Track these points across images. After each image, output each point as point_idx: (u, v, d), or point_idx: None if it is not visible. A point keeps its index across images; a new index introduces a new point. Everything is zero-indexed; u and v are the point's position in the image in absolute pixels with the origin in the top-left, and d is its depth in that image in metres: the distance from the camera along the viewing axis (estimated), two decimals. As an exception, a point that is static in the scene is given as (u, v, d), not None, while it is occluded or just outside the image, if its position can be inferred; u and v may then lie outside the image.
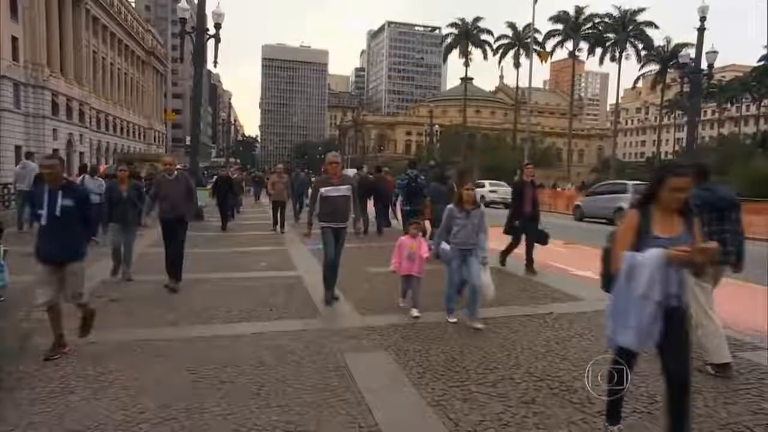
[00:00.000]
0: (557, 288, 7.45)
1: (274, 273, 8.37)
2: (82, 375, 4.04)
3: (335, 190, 6.17)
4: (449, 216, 5.61)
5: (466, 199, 5.58)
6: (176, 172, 7.32)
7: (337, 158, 6.39)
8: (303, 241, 6.73)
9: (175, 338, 4.99)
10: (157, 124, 79.86)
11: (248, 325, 5.51)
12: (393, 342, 4.97)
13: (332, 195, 6.15)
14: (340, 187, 6.20)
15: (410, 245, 5.99)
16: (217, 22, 16.50)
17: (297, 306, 6.31)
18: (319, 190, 6.23)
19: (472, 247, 5.51)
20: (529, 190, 8.65)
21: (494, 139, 77.59)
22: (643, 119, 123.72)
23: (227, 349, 4.72)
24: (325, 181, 6.30)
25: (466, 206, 5.56)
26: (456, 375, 4.19)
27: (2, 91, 39.55)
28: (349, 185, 6.32)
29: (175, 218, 7.16)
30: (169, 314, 5.81)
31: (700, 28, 19.80)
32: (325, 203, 6.16)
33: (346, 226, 6.37)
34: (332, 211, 6.16)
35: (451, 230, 5.57)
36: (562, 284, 7.73)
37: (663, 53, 59.32)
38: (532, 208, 8.60)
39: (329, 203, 6.15)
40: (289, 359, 4.47)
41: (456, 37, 65.02)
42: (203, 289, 7.14)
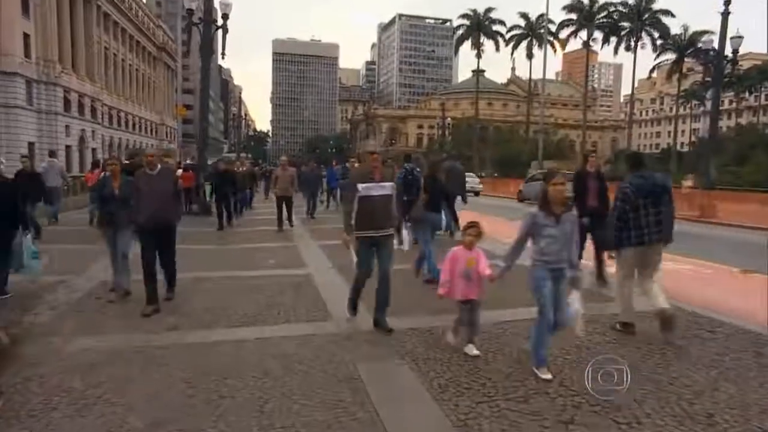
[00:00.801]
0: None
1: (282, 271, 7.96)
2: (68, 389, 3.65)
3: (377, 188, 4.87)
4: (533, 224, 4.00)
5: (555, 199, 3.93)
6: (160, 166, 5.88)
7: (376, 148, 5.31)
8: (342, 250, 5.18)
9: (172, 344, 4.60)
10: (168, 119, 79.98)
11: (253, 329, 5.11)
12: (411, 348, 4.54)
13: (373, 194, 4.85)
14: (384, 185, 4.91)
15: (467, 259, 4.34)
16: (224, 12, 16.11)
17: (306, 307, 5.90)
18: (356, 187, 4.90)
19: (564, 265, 4.00)
20: (593, 182, 7.18)
21: (506, 132, 76.74)
22: (658, 110, 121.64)
23: (229, 357, 4.32)
24: (365, 175, 4.94)
25: (555, 209, 3.95)
26: (482, 388, 3.75)
27: (15, 88, 39.65)
28: (392, 183, 5.06)
29: (160, 225, 5.69)
30: (169, 317, 5.42)
31: (724, 12, 19.00)
32: (363, 204, 4.86)
33: (392, 234, 5.09)
34: (371, 215, 4.86)
35: (536, 242, 4.00)
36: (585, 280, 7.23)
37: (680, 42, 57.91)
38: (598, 203, 7.01)
39: (368, 204, 4.85)
40: (296, 369, 4.05)
41: (468, 28, 64.12)
42: (206, 289, 6.76)
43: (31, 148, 41.45)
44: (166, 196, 5.71)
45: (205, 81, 16.77)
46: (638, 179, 5.02)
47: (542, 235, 3.94)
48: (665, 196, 5.07)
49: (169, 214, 5.79)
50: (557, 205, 3.94)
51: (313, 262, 8.71)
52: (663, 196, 5.04)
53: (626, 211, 4.95)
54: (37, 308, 5.62)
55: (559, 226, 3.91)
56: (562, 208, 3.96)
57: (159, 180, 5.70)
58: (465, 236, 4.48)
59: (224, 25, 16.00)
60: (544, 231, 3.93)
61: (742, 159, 39.21)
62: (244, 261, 8.94)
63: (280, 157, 16.65)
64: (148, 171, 5.75)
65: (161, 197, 5.63)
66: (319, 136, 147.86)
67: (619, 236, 5.02)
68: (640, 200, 4.94)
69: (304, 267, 8.34)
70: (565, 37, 58.14)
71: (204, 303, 6.03)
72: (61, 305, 5.78)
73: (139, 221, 5.64)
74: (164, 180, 5.77)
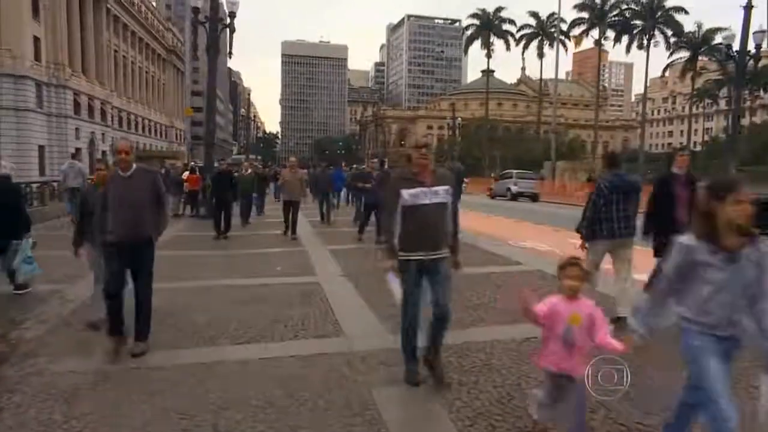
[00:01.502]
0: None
1: (290, 279, 7.51)
2: (47, 421, 3.22)
3: (429, 195, 3.62)
4: (687, 261, 2.48)
5: (730, 224, 2.38)
6: (135, 166, 4.53)
7: (428, 141, 4.02)
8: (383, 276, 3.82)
9: (168, 366, 4.17)
10: (178, 122, 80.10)
11: (257, 346, 4.66)
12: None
13: (423, 203, 3.61)
14: (437, 189, 3.66)
15: (570, 316, 2.81)
16: (231, 11, 15.76)
17: (314, 320, 5.45)
18: (400, 194, 3.66)
19: (736, 332, 2.47)
20: (683, 189, 5.56)
21: (516, 132, 76.02)
22: (670, 109, 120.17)
23: (230, 381, 3.88)
24: (410, 178, 3.68)
25: (729, 241, 2.39)
26: (517, 420, 3.27)
27: (25, 91, 39.65)
28: (448, 186, 3.73)
29: (133, 242, 4.38)
30: (167, 333, 5.00)
31: (747, 5, 18.35)
32: (410, 217, 3.63)
33: (447, 255, 3.77)
34: (420, 231, 3.63)
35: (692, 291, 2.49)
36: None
37: (693, 39, 56.93)
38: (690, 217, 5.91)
39: (417, 217, 3.61)
40: (303, 397, 3.60)
41: (477, 28, 63.54)
42: (209, 299, 6.34)
43: (42, 151, 41.54)
44: (142, 205, 4.43)
45: (211, 80, 16.40)
46: (612, 177, 5.36)
47: (703, 279, 2.44)
48: (634, 195, 5.40)
49: (146, 227, 4.47)
50: (733, 235, 2.37)
51: (322, 269, 8.27)
52: (632, 195, 5.38)
53: (600, 206, 5.29)
54: (26, 322, 5.22)
55: (732, 268, 2.39)
56: (741, 239, 2.38)
57: (133, 184, 4.42)
58: (562, 279, 2.83)
59: (231, 24, 15.65)
60: (706, 273, 2.43)
61: (756, 158, 38.32)
62: (250, 268, 8.52)
63: (288, 158, 15.08)
64: (120, 173, 4.45)
65: (136, 206, 4.38)
66: (327, 138, 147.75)
67: (592, 229, 5.36)
68: (612, 196, 5.27)
69: (312, 274, 7.89)
70: (577, 35, 57.37)
71: (206, 315, 5.60)
72: (51, 318, 5.37)
73: (109, 238, 4.38)
74: (140, 184, 4.47)
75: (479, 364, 4.20)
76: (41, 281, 6.56)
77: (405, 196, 3.63)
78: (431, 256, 3.68)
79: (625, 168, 23.67)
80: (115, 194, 4.41)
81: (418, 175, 3.66)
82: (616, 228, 5.27)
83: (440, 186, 3.69)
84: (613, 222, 5.27)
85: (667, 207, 5.61)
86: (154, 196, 4.57)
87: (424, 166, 3.68)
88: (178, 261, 9.38)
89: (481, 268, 8.13)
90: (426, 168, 3.68)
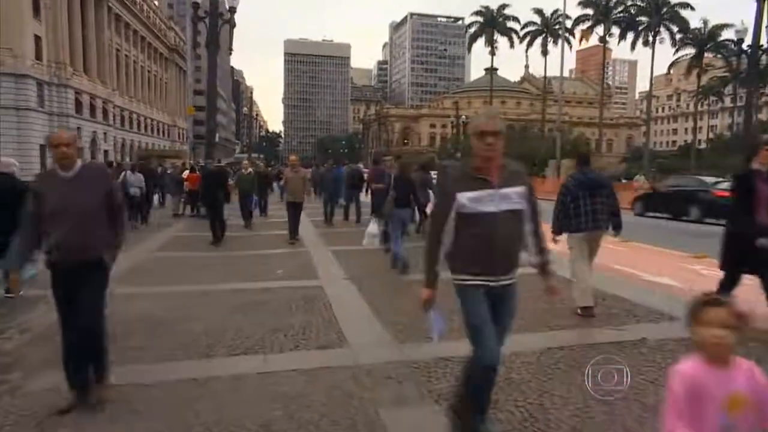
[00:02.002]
0: (636, 301, 6.07)
1: (291, 283, 7.15)
2: (16, 450, 2.88)
3: (497, 199, 2.67)
4: None
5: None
6: (80, 163, 3.37)
7: (496, 125, 2.68)
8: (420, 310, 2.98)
9: (156, 382, 3.81)
10: (180, 121, 79.87)
11: (255, 359, 4.31)
12: (445, 387, 3.70)
13: (488, 210, 2.66)
14: (509, 192, 2.70)
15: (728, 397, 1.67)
16: (231, 6, 15.42)
17: (317, 329, 5.09)
18: (455, 199, 2.70)
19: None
20: (765, 187, 4.87)
21: (521, 130, 75.54)
22: (674, 107, 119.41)
23: (223, 399, 3.52)
24: (470, 177, 2.72)
25: None
26: (544, 449, 2.91)
27: (26, 90, 39.46)
28: (523, 186, 2.76)
29: (79, 264, 3.28)
30: (158, 343, 4.65)
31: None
32: (470, 228, 2.69)
33: (516, 281, 2.84)
34: (486, 247, 2.68)
35: None
36: (641, 296, 6.34)
37: (700, 36, 56.35)
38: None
39: (480, 228, 2.67)
40: (303, 418, 3.24)
41: (481, 25, 63.12)
42: (207, 306, 5.98)
43: (43, 150, 41.34)
44: (89, 215, 3.25)
45: (211, 76, 16.09)
46: (580, 175, 5.65)
47: None
48: (603, 191, 5.61)
49: (95, 245, 3.30)
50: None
51: (325, 272, 7.91)
52: (600, 191, 5.58)
53: (567, 203, 5.55)
54: (7, 331, 4.88)
55: None
56: None
57: (78, 187, 3.25)
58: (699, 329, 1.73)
59: (231, 19, 15.31)
60: None
61: None
62: (250, 270, 8.16)
63: (288, 156, 14.03)
64: (60, 172, 3.30)
65: (80, 215, 3.21)
66: (330, 137, 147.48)
67: (560, 224, 5.61)
68: (579, 192, 5.51)
69: (315, 278, 7.53)
70: (582, 30, 56.85)
71: (202, 323, 5.25)
72: (34, 327, 5.02)
73: (52, 258, 3.33)
74: (88, 187, 3.29)
75: (498, 379, 3.81)
76: (33, 285, 6.22)
77: (463, 201, 2.64)
78: (502, 282, 2.72)
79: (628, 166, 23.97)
80: (52, 201, 3.21)
81: (482, 173, 2.67)
82: (583, 222, 5.52)
83: (512, 187, 2.68)
84: (581, 217, 5.52)
85: (747, 207, 4.85)
86: (106, 203, 3.35)
87: (490, 159, 2.66)
88: (175, 263, 9.08)
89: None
90: (493, 163, 2.67)
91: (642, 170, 33.56)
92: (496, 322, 2.76)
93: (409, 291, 6.65)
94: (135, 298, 6.28)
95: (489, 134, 2.63)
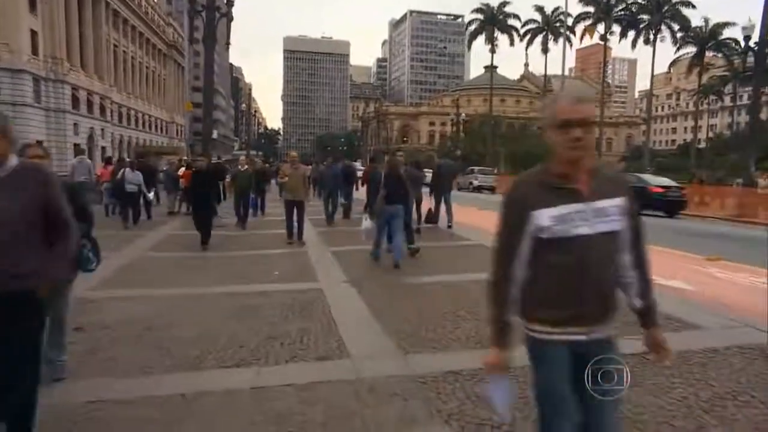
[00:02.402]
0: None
1: (288, 286, 6.82)
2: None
3: (590, 217, 1.87)
4: None
5: None
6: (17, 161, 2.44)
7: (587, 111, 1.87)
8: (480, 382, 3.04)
9: (139, 399, 3.48)
10: (179, 117, 79.42)
11: (248, 371, 3.98)
12: (457, 407, 3.36)
13: (579, 233, 1.85)
14: (604, 207, 1.88)
15: None
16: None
17: (315, 337, 4.76)
18: (531, 218, 1.89)
19: None
20: None
21: (520, 128, 75.23)
22: (674, 105, 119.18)
23: (212, 420, 3.20)
24: (550, 187, 1.90)
25: None
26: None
27: (22, 86, 39.04)
28: (623, 197, 1.93)
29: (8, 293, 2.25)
30: (143, 353, 4.33)
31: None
32: (554, 258, 1.88)
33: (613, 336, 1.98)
34: (577, 287, 1.86)
35: None
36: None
37: (701, 34, 56.06)
38: None
39: (567, 259, 1.86)
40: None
41: (481, 23, 62.73)
42: (199, 311, 5.65)
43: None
44: (14, 227, 2.28)
45: (208, 71, 15.73)
46: None
47: None
48: None
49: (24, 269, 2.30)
50: None
51: (324, 274, 7.58)
52: None
53: None
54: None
55: None
56: None
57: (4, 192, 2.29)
58: None
59: (229, 13, 14.96)
60: None
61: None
62: (246, 272, 7.82)
63: (288, 153, 12.81)
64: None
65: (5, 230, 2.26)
66: (329, 134, 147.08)
67: None
68: None
69: (313, 280, 7.20)
70: (582, 30, 56.52)
71: (192, 330, 4.92)
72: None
73: None
74: (15, 192, 2.32)
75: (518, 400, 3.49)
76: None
77: (543, 221, 1.85)
78: (594, 335, 1.89)
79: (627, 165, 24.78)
80: None
81: (567, 180, 1.88)
82: None
83: (609, 199, 1.88)
84: None
85: None
86: (45, 215, 2.39)
87: (578, 162, 1.87)
88: (168, 263, 8.76)
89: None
90: (582, 166, 1.89)
91: (642, 169, 33.54)
92: (586, 396, 1.88)
93: (412, 295, 6.34)
94: (123, 301, 5.97)
95: (576, 125, 1.81)
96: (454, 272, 7.72)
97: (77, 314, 5.26)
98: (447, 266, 8.29)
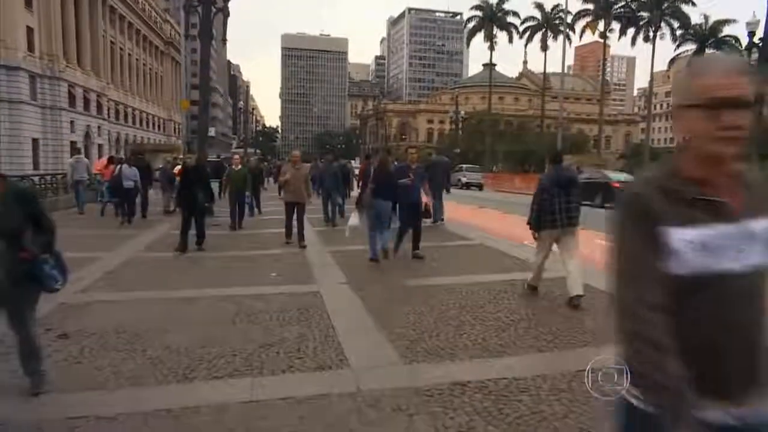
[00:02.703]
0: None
1: (286, 288, 6.56)
2: None
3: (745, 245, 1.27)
4: None
5: None
6: None
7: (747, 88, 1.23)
8: None
9: (122, 415, 3.23)
10: (176, 115, 78.96)
11: (241, 382, 3.73)
12: (466, 423, 3.13)
13: (726, 268, 1.25)
14: (756, 230, 1.28)
15: None
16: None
17: (314, 344, 4.52)
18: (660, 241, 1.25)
19: None
20: None
21: (519, 126, 74.98)
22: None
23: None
24: (682, 196, 1.27)
25: None
26: None
27: (18, 83, 38.64)
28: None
29: None
30: (130, 363, 4.08)
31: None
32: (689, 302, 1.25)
33: None
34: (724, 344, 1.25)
35: None
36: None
37: (701, 31, 55.86)
38: None
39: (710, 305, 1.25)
40: (298, 467, 2.68)
41: (480, 20, 62.44)
42: (191, 316, 5.41)
43: (36, 144, 40.56)
44: None
45: (204, 67, 15.45)
46: (553, 171, 5.99)
47: None
48: (574, 189, 5.89)
49: None
50: None
51: (323, 276, 7.33)
52: (570, 188, 5.84)
53: (544, 199, 5.77)
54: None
55: None
56: None
57: None
58: None
59: (225, 8, 14.68)
60: None
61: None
62: (242, 274, 7.56)
63: (291, 152, 11.91)
64: None
65: None
66: (328, 132, 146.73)
67: (539, 220, 5.84)
68: (554, 189, 5.75)
69: (312, 282, 6.94)
70: (582, 27, 56.27)
71: (185, 336, 4.67)
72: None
73: None
74: None
75: (526, 413, 3.25)
76: None
77: (680, 247, 1.26)
78: (745, 411, 1.28)
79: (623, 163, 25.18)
80: None
81: (710, 189, 1.30)
82: (558, 219, 5.74)
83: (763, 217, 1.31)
84: (555, 214, 5.73)
85: None
86: None
87: (728, 160, 1.30)
88: (162, 264, 8.50)
89: (501, 275, 7.24)
90: (730, 167, 1.31)
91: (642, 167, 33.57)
92: None
93: (414, 298, 6.10)
94: (112, 305, 5.73)
95: (734, 105, 1.23)
96: (455, 274, 7.49)
97: (63, 320, 5.05)
98: (448, 267, 8.05)
